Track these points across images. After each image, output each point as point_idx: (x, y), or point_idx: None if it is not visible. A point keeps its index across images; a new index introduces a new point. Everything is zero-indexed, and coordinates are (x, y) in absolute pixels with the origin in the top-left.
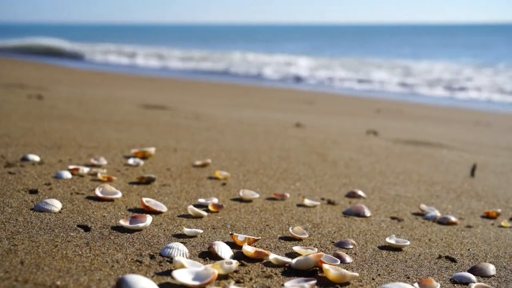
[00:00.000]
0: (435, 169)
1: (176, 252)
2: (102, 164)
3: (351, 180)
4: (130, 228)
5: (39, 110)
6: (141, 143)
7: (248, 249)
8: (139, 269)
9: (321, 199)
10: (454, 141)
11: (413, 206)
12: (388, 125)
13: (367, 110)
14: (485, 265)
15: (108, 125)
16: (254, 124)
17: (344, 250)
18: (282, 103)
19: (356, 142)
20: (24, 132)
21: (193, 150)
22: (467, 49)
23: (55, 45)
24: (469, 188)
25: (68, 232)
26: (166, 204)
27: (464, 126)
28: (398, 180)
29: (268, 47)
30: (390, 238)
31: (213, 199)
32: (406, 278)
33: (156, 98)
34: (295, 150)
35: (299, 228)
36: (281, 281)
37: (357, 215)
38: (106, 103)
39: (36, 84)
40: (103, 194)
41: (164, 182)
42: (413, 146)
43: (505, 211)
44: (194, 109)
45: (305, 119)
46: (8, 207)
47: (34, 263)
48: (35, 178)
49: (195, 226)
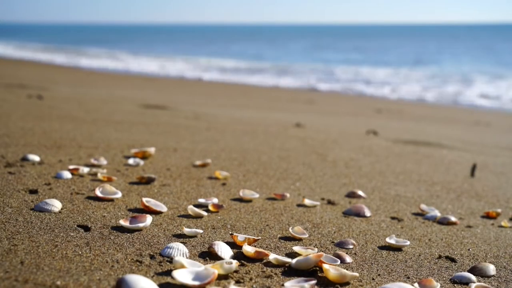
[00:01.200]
0: (435, 169)
1: (176, 252)
2: (102, 164)
3: (351, 180)
4: (130, 228)
5: (39, 110)
6: (141, 143)
7: (248, 249)
8: (139, 269)
9: (321, 199)
10: (454, 141)
11: (413, 206)
12: (388, 125)
13: (367, 110)
14: (485, 265)
15: (108, 125)
16: (254, 124)
17: (344, 250)
18: (282, 103)
19: (356, 142)
20: (24, 132)
21: (193, 150)
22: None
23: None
24: (469, 188)
25: (68, 232)
26: (166, 204)
27: (464, 126)
28: (398, 180)
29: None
30: (390, 238)
31: (213, 199)
32: (406, 278)
33: (156, 98)
34: (295, 150)
35: (299, 228)
36: (281, 281)
37: (357, 215)
38: (106, 103)
39: (36, 84)
40: (103, 194)
41: (164, 182)
42: (413, 146)
43: (505, 211)
44: (194, 109)
45: (305, 119)
46: (8, 207)
47: (34, 263)
48: (35, 178)
49: (195, 226)
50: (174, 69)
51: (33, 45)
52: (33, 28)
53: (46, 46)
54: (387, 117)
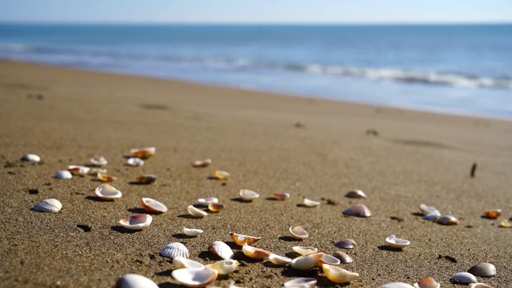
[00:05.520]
0: (435, 169)
1: (176, 252)
2: (102, 164)
3: (351, 180)
4: (130, 228)
5: (39, 110)
6: (141, 143)
7: (248, 249)
8: (139, 269)
9: (321, 199)
10: (454, 141)
11: (413, 206)
12: (388, 125)
13: (367, 110)
14: (485, 265)
15: (108, 125)
16: (254, 124)
17: (344, 250)
18: (282, 103)
19: (356, 142)
20: (24, 132)
21: (193, 150)
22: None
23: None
24: (469, 188)
25: (68, 232)
26: (166, 204)
27: (464, 126)
28: (398, 180)
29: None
30: (390, 238)
31: (213, 199)
32: (406, 278)
33: (156, 98)
34: (295, 150)
35: (299, 228)
36: (281, 281)
37: (357, 215)
38: (106, 103)
39: (36, 84)
40: (103, 194)
41: (164, 182)
42: (413, 146)
43: (505, 211)
44: (194, 109)
45: (305, 119)
46: (8, 207)
47: (34, 263)
48: (35, 178)
49: (195, 226)
50: (174, 68)
51: (34, 45)
52: (33, 28)
53: (47, 46)
54: (387, 117)
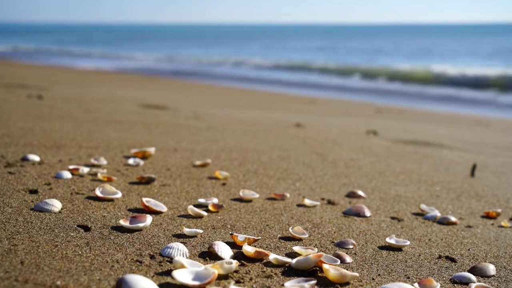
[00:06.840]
0: (435, 169)
1: (176, 252)
2: (102, 164)
3: (351, 180)
4: (130, 228)
5: (39, 110)
6: (141, 143)
7: (248, 249)
8: (139, 269)
9: (321, 199)
10: (454, 141)
11: (413, 206)
12: (388, 125)
13: (367, 110)
14: (485, 265)
15: (108, 125)
16: (254, 124)
17: (344, 250)
18: (282, 103)
19: (356, 142)
20: (24, 132)
21: (193, 150)
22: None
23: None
24: (469, 188)
25: (68, 232)
26: (166, 204)
27: (464, 126)
28: (398, 180)
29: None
30: (390, 238)
31: (213, 199)
32: (406, 278)
33: (156, 98)
34: (295, 150)
35: (299, 228)
36: (281, 281)
37: (357, 215)
38: (106, 103)
39: (36, 84)
40: (103, 194)
41: (164, 182)
42: (413, 146)
43: (505, 211)
44: (194, 109)
45: (305, 119)
46: (8, 207)
47: (34, 263)
48: (35, 178)
49: (195, 226)
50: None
51: (33, 45)
52: (33, 28)
53: (46, 46)
54: (387, 117)
